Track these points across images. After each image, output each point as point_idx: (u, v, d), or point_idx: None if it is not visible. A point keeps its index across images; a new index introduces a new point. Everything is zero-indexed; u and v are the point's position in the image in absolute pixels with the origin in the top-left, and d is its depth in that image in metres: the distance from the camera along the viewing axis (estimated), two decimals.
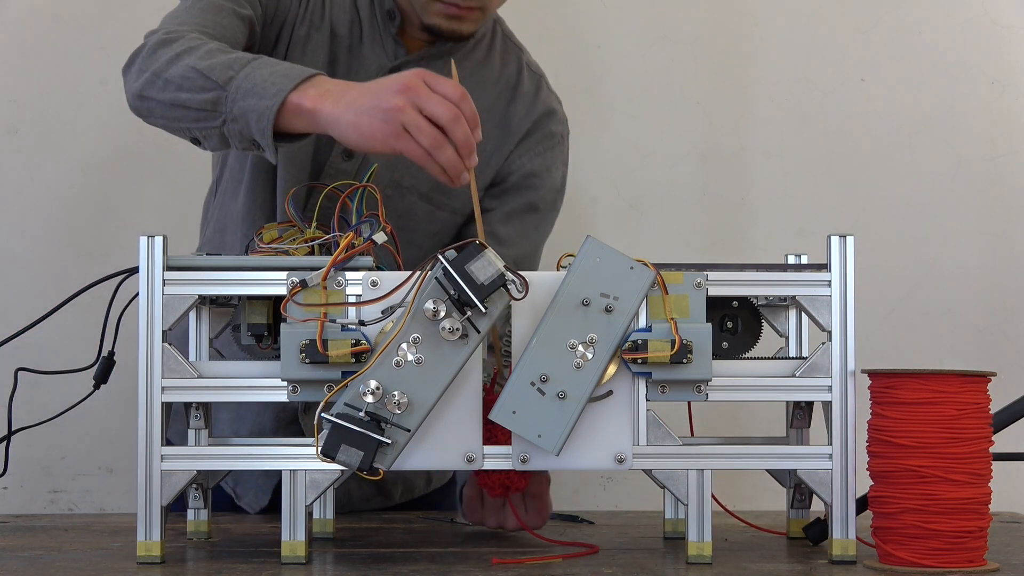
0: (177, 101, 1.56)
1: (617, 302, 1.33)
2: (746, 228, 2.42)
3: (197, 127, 1.57)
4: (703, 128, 2.42)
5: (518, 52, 1.92)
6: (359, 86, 1.49)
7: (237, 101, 1.52)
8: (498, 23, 1.92)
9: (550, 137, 1.90)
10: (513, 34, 1.95)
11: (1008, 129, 2.42)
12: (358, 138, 1.45)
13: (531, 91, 1.90)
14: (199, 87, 1.54)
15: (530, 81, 1.91)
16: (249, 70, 1.53)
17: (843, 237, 1.37)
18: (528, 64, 1.92)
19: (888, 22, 2.42)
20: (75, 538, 1.57)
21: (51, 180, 2.36)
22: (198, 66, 1.55)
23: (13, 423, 1.65)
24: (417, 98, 1.44)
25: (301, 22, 1.79)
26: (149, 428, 1.35)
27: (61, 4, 2.37)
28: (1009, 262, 2.42)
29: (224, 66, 1.54)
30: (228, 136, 1.55)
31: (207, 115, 1.55)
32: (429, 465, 1.35)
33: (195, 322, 1.51)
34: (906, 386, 1.32)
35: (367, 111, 1.45)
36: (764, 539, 1.57)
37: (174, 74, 1.57)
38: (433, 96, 1.44)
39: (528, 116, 1.88)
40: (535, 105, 1.89)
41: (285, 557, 1.35)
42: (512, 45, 1.92)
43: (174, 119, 1.59)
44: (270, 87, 1.51)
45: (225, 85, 1.53)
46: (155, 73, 1.59)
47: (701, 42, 2.42)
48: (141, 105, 1.62)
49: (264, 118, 1.50)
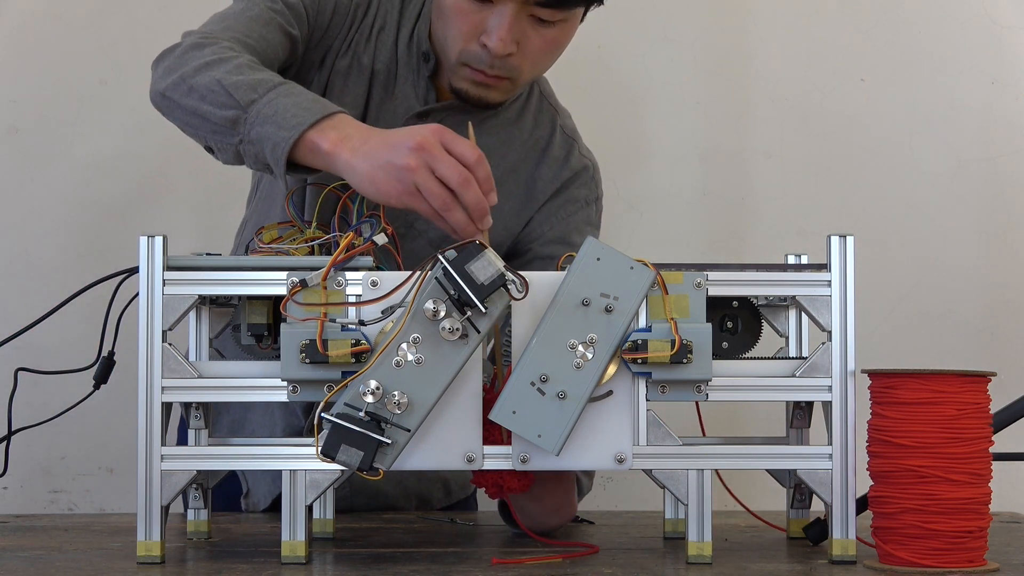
0: (198, 111, 1.56)
1: (617, 302, 1.33)
2: (746, 228, 2.42)
3: (214, 139, 1.56)
4: (703, 128, 2.43)
5: (553, 114, 1.89)
6: (378, 136, 1.47)
7: (255, 126, 1.51)
8: (537, 83, 1.89)
9: (573, 202, 1.86)
10: (553, 95, 1.92)
11: (1008, 129, 2.42)
12: (373, 191, 1.44)
13: (561, 155, 1.87)
14: (221, 103, 1.53)
15: (561, 145, 1.88)
16: (272, 96, 1.52)
17: (843, 237, 1.37)
18: (562, 127, 1.89)
19: (888, 22, 2.43)
20: (75, 538, 1.57)
21: (51, 180, 2.36)
22: (224, 81, 1.54)
23: (13, 423, 1.65)
24: (431, 158, 1.42)
25: (344, 53, 1.78)
26: (149, 428, 1.36)
27: (61, 4, 2.37)
28: (1009, 262, 2.42)
29: (249, 87, 1.53)
30: (243, 155, 1.54)
31: (225, 131, 1.54)
32: (429, 465, 1.35)
33: (195, 322, 1.51)
34: (906, 386, 1.32)
35: (382, 166, 1.43)
36: (764, 539, 1.57)
37: (199, 83, 1.55)
38: (446, 158, 1.42)
39: (554, 180, 1.86)
40: (563, 170, 1.86)
41: (285, 557, 1.35)
42: (548, 107, 1.89)
43: (192, 126, 1.58)
44: (291, 119, 1.49)
45: (247, 107, 1.51)
46: (182, 77, 1.58)
47: (701, 42, 2.42)
48: (162, 103, 1.61)
49: (279, 148, 1.48)
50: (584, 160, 1.89)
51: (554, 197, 1.86)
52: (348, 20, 1.78)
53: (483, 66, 1.70)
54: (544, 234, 1.84)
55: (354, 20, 1.79)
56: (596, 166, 1.92)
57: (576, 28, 1.75)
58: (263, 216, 1.84)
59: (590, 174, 1.89)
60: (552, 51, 1.74)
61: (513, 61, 1.70)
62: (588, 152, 1.92)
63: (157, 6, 2.38)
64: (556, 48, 1.74)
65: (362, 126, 1.49)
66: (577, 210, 1.87)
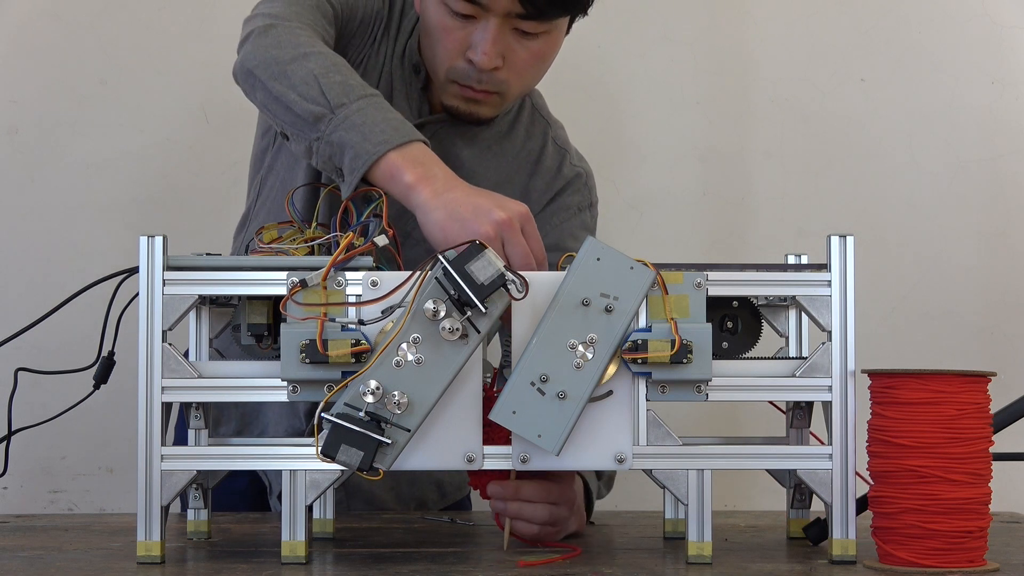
0: (284, 98, 1.54)
1: (617, 302, 1.33)
2: (746, 228, 2.42)
3: (291, 128, 1.55)
4: (703, 128, 2.43)
5: (545, 127, 1.91)
6: (463, 189, 1.46)
7: (340, 130, 1.49)
8: (529, 97, 1.90)
9: (566, 209, 1.88)
10: (545, 108, 1.93)
11: (1008, 129, 2.42)
12: (441, 239, 1.43)
13: (553, 166, 1.89)
14: (311, 97, 1.52)
15: (553, 156, 1.89)
16: (363, 104, 1.51)
17: (843, 237, 1.37)
18: (554, 139, 1.91)
19: (888, 22, 2.43)
20: (75, 538, 1.57)
21: (51, 180, 2.36)
22: (320, 76, 1.53)
23: (13, 423, 1.65)
24: (507, 237, 1.42)
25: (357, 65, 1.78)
26: (149, 428, 1.36)
27: (61, 4, 2.37)
28: (1009, 262, 2.42)
29: (342, 89, 1.52)
30: (314, 153, 1.53)
31: (306, 125, 1.53)
32: (429, 465, 1.35)
33: (195, 322, 1.51)
34: (906, 386, 1.32)
35: (459, 220, 1.42)
36: (764, 539, 1.57)
37: (294, 72, 1.54)
38: (521, 243, 1.42)
39: (548, 191, 1.87)
40: (555, 180, 1.88)
41: (285, 557, 1.35)
42: (540, 119, 1.91)
43: (272, 110, 1.57)
44: (379, 134, 1.48)
45: (336, 109, 1.50)
46: (276, 60, 1.56)
47: (701, 42, 2.42)
48: (247, 80, 1.59)
49: (360, 160, 1.47)
50: (576, 168, 1.91)
51: (548, 206, 1.87)
52: (369, 33, 1.79)
53: (471, 82, 1.71)
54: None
55: (374, 34, 1.80)
56: (589, 173, 1.93)
57: (562, 39, 1.76)
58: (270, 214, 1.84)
59: (583, 181, 1.91)
60: (538, 63, 1.74)
61: (500, 75, 1.71)
62: (580, 161, 1.93)
63: (157, 6, 2.38)
64: (542, 60, 1.74)
65: (446, 169, 1.49)
66: (570, 217, 1.88)
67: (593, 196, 1.93)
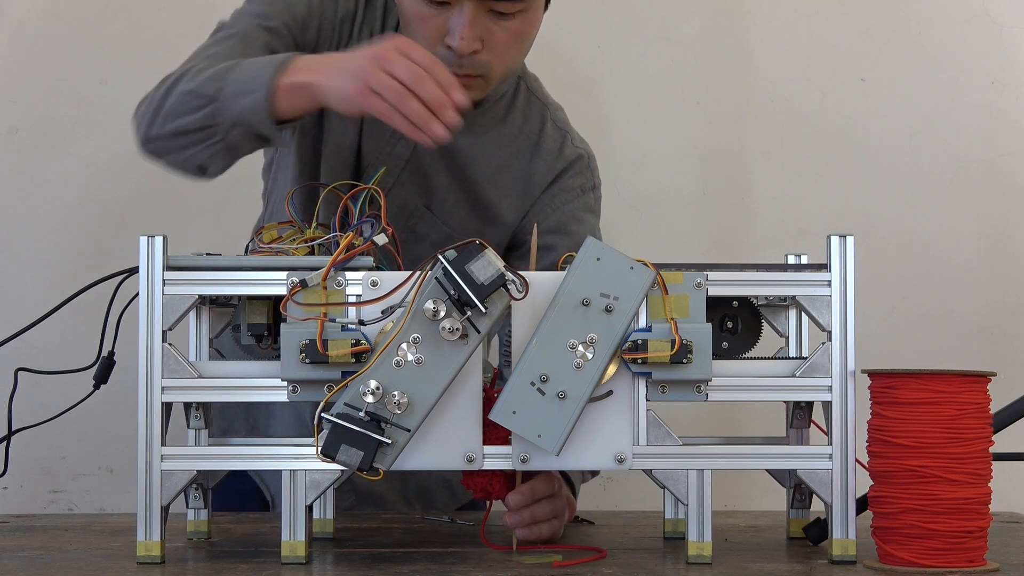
0: (177, 129, 1.59)
1: (617, 302, 1.33)
2: (746, 228, 2.42)
3: (202, 150, 1.59)
4: (703, 128, 2.42)
5: (542, 108, 1.90)
6: (340, 55, 1.56)
7: (231, 108, 1.55)
8: (524, 80, 1.90)
9: (569, 191, 1.88)
10: (542, 90, 1.93)
11: (1008, 129, 2.42)
12: (339, 101, 1.51)
13: (554, 148, 1.88)
14: (193, 107, 1.58)
15: (553, 138, 1.89)
16: (234, 75, 1.57)
17: (843, 237, 1.37)
18: (554, 121, 1.90)
19: (888, 22, 2.43)
20: (75, 538, 1.57)
21: (51, 180, 2.36)
22: (187, 88, 1.59)
23: (13, 423, 1.65)
24: (385, 62, 1.49)
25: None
26: (149, 428, 1.36)
27: (61, 4, 2.37)
28: (1009, 262, 2.42)
29: (211, 80, 1.58)
30: (235, 145, 1.57)
31: (207, 132, 1.58)
32: (429, 465, 1.34)
33: (195, 322, 1.51)
34: (906, 386, 1.32)
35: (342, 73, 1.51)
36: (764, 539, 1.57)
37: (169, 104, 1.61)
38: (401, 60, 1.49)
39: (549, 172, 1.87)
40: (557, 161, 1.88)
41: (285, 557, 1.35)
42: (536, 101, 1.90)
43: (180, 149, 1.62)
44: (255, 81, 1.54)
45: (215, 96, 1.56)
46: (154, 111, 1.63)
47: (701, 42, 2.42)
48: (151, 148, 1.66)
49: (259, 110, 1.53)
50: (578, 150, 1.90)
51: (549, 188, 1.87)
52: (336, 36, 1.80)
53: (453, 67, 1.71)
54: (540, 224, 1.84)
55: (342, 34, 1.81)
56: (591, 156, 1.92)
57: (540, 17, 1.76)
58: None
59: (585, 162, 1.90)
60: (518, 42, 1.74)
61: (481, 58, 1.70)
62: (582, 143, 1.92)
63: (157, 6, 2.38)
64: (522, 39, 1.74)
65: (327, 55, 1.58)
66: (573, 198, 1.88)
67: (596, 178, 1.92)
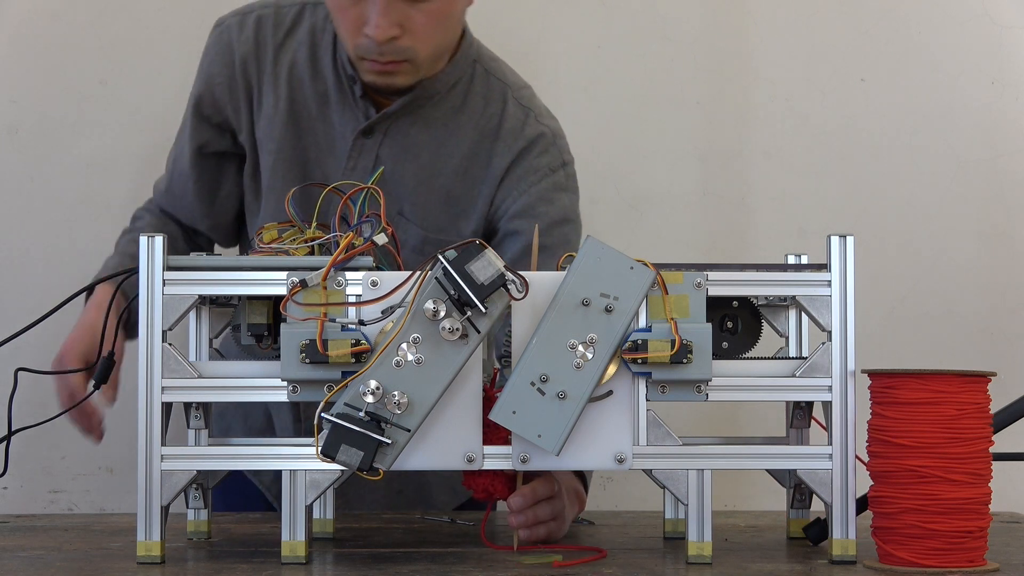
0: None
1: (617, 302, 1.33)
2: (746, 228, 2.42)
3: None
4: (703, 128, 2.42)
5: (503, 88, 1.87)
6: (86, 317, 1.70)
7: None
8: (479, 62, 1.87)
9: (535, 171, 1.84)
10: (501, 70, 1.89)
11: (1008, 129, 2.42)
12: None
13: (516, 127, 1.85)
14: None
15: (515, 116, 1.85)
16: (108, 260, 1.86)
17: (843, 237, 1.37)
18: (516, 99, 1.87)
19: (888, 22, 2.42)
20: (75, 538, 1.57)
21: (51, 180, 2.36)
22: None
23: (13, 423, 1.65)
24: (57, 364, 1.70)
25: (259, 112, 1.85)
26: (149, 428, 1.35)
27: (61, 4, 2.37)
28: (1009, 262, 2.42)
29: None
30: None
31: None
32: (429, 465, 1.34)
33: (195, 322, 1.51)
34: (906, 386, 1.32)
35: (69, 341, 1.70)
36: (764, 539, 1.57)
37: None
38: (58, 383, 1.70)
39: (508, 152, 1.84)
40: (517, 141, 1.84)
41: (285, 557, 1.35)
42: (496, 82, 1.87)
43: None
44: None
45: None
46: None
47: (701, 42, 2.42)
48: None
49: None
50: (540, 127, 1.86)
51: (512, 169, 1.83)
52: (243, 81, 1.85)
53: (375, 55, 1.72)
54: (508, 209, 1.83)
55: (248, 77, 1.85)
56: (557, 132, 1.88)
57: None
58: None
59: (550, 139, 1.86)
60: (440, 23, 1.73)
61: (403, 43, 1.71)
62: (550, 118, 1.88)
63: (157, 6, 2.38)
64: (442, 20, 1.73)
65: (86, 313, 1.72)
66: (540, 179, 1.84)
67: (565, 155, 1.87)
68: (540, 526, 1.49)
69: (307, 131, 1.83)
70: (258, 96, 1.85)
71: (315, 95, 1.83)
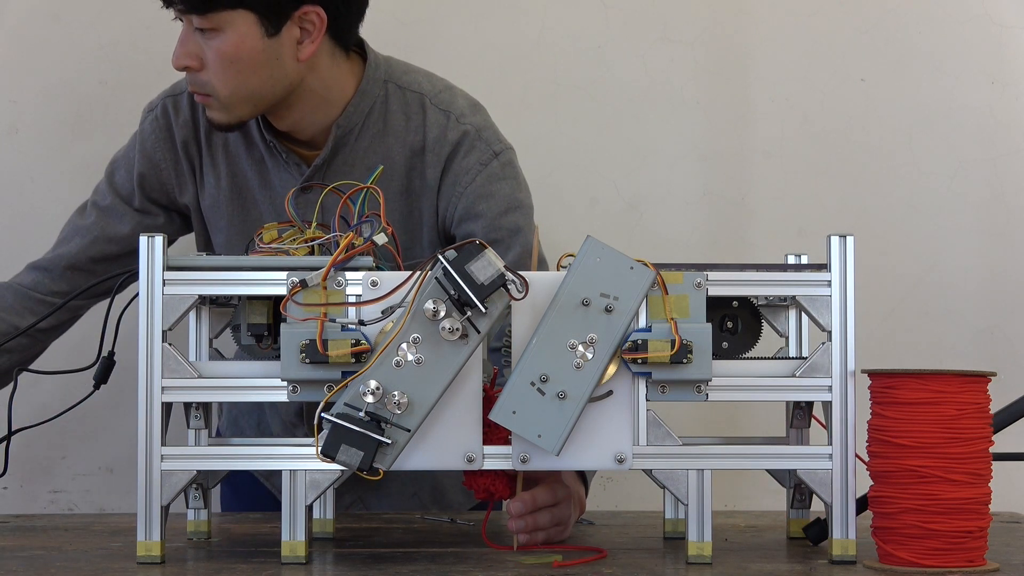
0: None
1: (617, 302, 1.33)
2: (746, 228, 2.42)
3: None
4: (703, 128, 2.42)
5: (418, 97, 1.83)
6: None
7: None
8: (389, 81, 1.83)
9: (465, 172, 1.81)
10: (414, 79, 1.85)
11: (1008, 129, 2.42)
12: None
13: (439, 134, 1.81)
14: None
15: (437, 123, 1.82)
16: None
17: (843, 237, 1.37)
18: (435, 105, 1.83)
19: (888, 22, 2.42)
20: (75, 538, 1.57)
21: (51, 180, 2.36)
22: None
23: (13, 423, 1.65)
24: None
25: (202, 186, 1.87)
26: (149, 428, 1.35)
27: (61, 4, 2.37)
28: (1009, 262, 2.42)
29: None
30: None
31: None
32: (429, 465, 1.35)
33: (195, 322, 1.51)
34: (906, 386, 1.32)
35: None
36: (764, 539, 1.57)
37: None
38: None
39: (437, 162, 1.81)
40: (442, 147, 1.81)
41: (285, 557, 1.35)
42: (411, 94, 1.83)
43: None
44: None
45: None
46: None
47: (701, 42, 2.42)
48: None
49: None
50: (462, 127, 1.82)
51: (444, 177, 1.81)
52: (187, 172, 1.87)
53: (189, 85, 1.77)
54: (453, 216, 1.82)
55: (191, 157, 1.87)
56: (481, 126, 1.83)
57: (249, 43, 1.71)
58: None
59: (473, 137, 1.82)
60: (226, 63, 1.72)
61: (201, 77, 1.74)
62: (472, 115, 1.84)
63: (157, 6, 2.37)
64: (229, 60, 1.72)
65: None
66: (472, 178, 1.81)
67: (494, 146, 1.83)
68: (539, 532, 1.49)
69: (251, 202, 1.86)
70: (200, 176, 1.88)
71: (252, 164, 1.84)
